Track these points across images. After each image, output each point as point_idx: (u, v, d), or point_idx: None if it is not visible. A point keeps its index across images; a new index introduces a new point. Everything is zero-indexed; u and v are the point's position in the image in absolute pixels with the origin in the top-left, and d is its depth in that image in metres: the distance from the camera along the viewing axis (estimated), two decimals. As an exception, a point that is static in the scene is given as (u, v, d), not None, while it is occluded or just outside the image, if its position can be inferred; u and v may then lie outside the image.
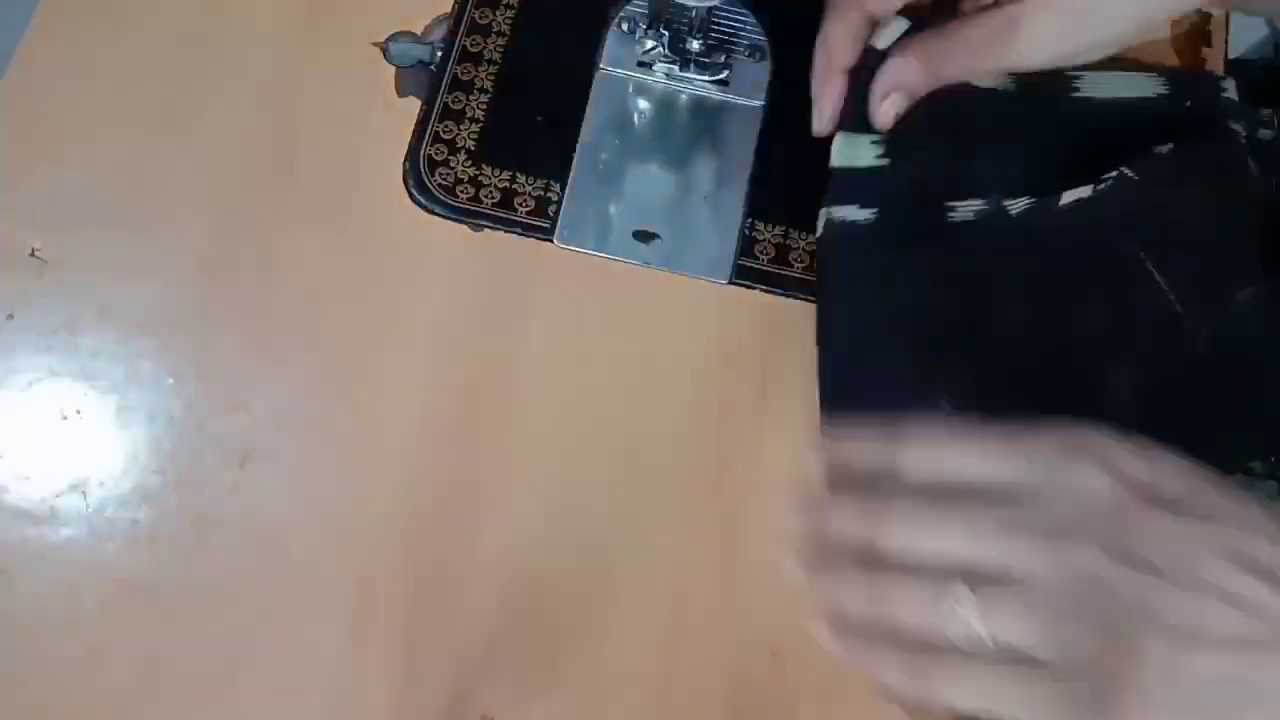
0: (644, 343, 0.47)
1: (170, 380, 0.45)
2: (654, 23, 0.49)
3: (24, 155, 0.48)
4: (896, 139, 0.44)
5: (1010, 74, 0.44)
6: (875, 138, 0.44)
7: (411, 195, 0.48)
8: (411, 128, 0.49)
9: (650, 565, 0.44)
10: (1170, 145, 0.43)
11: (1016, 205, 0.44)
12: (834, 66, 0.43)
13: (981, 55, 0.41)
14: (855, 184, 0.44)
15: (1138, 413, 0.41)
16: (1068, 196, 0.43)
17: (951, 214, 0.44)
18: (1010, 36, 0.40)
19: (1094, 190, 0.42)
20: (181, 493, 0.44)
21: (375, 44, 0.50)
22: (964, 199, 0.44)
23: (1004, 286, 0.43)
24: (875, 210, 0.44)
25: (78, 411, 0.45)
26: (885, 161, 0.44)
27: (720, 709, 0.43)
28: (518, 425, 0.45)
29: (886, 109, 0.42)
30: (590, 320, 0.47)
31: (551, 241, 0.48)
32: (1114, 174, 0.42)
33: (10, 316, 0.46)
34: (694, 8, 0.45)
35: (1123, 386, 0.42)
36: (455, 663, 0.43)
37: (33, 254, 0.46)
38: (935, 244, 0.44)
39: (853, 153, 0.44)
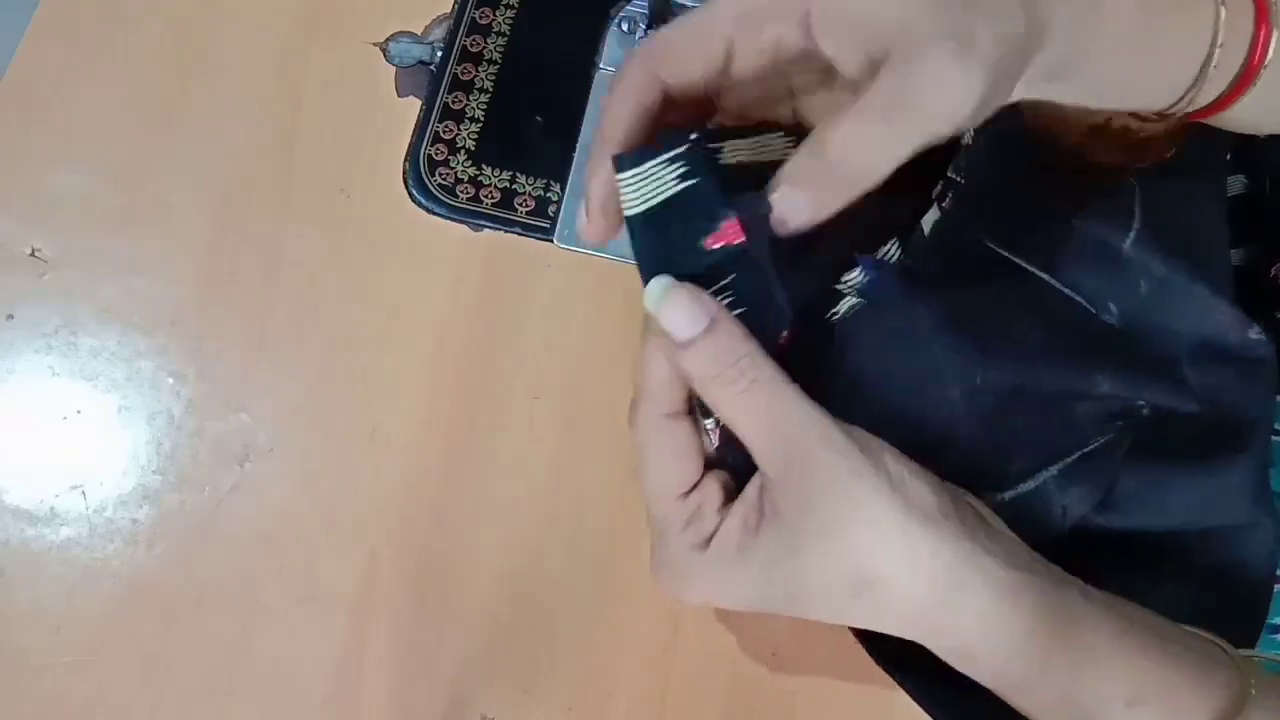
0: (644, 343, 0.47)
1: (170, 380, 0.45)
2: (654, 23, 0.49)
3: (24, 155, 0.48)
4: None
5: None
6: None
7: (411, 195, 0.48)
8: (411, 128, 0.49)
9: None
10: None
11: (890, 254, 0.38)
12: (606, 145, 0.30)
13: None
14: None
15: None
16: (926, 221, 0.38)
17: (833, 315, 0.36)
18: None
19: (940, 209, 0.38)
20: (181, 493, 0.44)
21: (375, 44, 0.50)
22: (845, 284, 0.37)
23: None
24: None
25: (78, 411, 0.45)
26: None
27: (720, 709, 0.43)
28: (517, 425, 0.46)
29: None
30: (590, 320, 0.47)
31: (551, 241, 0.48)
32: (941, 185, 0.38)
33: (10, 316, 0.46)
34: (693, 8, 0.44)
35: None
36: (455, 663, 0.43)
37: (33, 254, 0.46)
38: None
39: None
